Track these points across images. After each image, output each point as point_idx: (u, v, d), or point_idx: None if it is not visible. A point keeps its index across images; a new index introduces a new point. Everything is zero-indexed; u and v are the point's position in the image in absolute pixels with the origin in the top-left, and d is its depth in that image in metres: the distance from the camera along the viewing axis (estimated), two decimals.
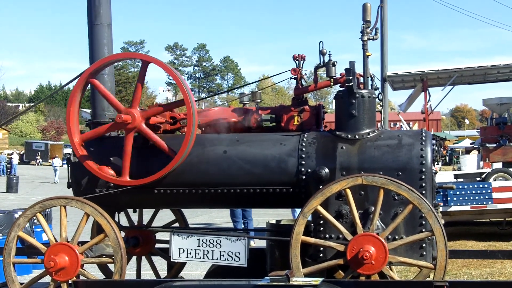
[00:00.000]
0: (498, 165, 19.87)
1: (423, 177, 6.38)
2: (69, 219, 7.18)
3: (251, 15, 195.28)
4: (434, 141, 6.70)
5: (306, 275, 6.13)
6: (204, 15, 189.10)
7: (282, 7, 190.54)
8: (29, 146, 73.26)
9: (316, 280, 5.56)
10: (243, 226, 16.92)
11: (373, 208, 6.24)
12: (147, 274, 9.05)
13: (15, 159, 56.40)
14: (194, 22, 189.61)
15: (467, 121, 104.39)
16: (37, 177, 53.97)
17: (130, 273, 8.05)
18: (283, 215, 18.65)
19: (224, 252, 6.71)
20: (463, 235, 17.27)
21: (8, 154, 59.47)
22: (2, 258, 6.80)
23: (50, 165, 67.61)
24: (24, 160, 69.03)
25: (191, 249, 6.79)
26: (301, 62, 7.11)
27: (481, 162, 20.59)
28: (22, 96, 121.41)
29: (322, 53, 6.90)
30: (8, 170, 55.77)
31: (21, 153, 70.66)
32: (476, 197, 16.36)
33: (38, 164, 69.28)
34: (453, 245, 14.86)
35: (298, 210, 16.25)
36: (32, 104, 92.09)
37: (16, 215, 12.28)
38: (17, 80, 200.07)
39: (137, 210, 7.98)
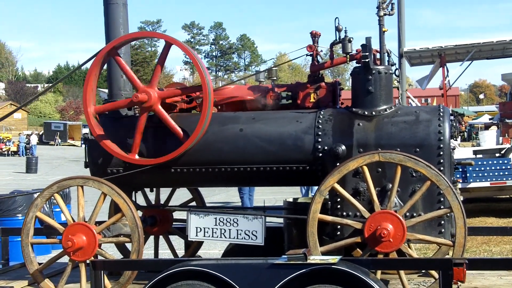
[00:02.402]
0: None
1: (441, 153, 6.31)
2: (87, 199, 7.20)
3: None
4: (452, 117, 6.62)
5: (323, 253, 6.10)
6: None
7: None
8: (48, 127, 73.78)
9: (334, 258, 5.53)
10: (249, 199, 17.11)
11: (390, 185, 6.19)
12: (164, 253, 9.08)
13: (34, 140, 56.76)
14: (211, 0, 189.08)
15: (482, 96, 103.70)
16: (56, 157, 54.31)
17: (147, 253, 8.08)
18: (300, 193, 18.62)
19: (241, 231, 6.70)
20: (482, 212, 17.17)
21: (27, 135, 59.90)
22: (20, 239, 6.83)
23: (69, 145, 68.17)
24: (43, 141, 69.55)
25: (208, 228, 6.78)
26: (316, 39, 7.05)
27: (501, 138, 20.45)
28: (41, 77, 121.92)
29: (338, 29, 6.82)
30: (27, 151, 56.22)
31: (40, 133, 71.18)
32: (496, 173, 16.24)
33: (57, 144, 69.77)
34: (472, 222, 14.79)
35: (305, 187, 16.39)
36: (50, 84, 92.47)
37: (35, 196, 12.36)
38: (35, 61, 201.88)
39: (154, 189, 7.98)
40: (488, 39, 20.29)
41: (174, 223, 8.18)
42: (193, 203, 8.34)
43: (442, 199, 6.22)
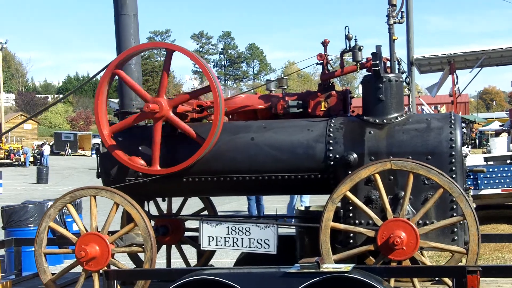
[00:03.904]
0: None
1: (453, 160, 6.31)
2: (99, 209, 7.22)
3: (275, 1, 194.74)
4: (463, 124, 6.62)
5: (336, 262, 6.10)
6: (228, 2, 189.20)
7: None
8: (58, 137, 74.06)
9: (347, 267, 5.52)
10: (255, 206, 17.20)
11: (403, 193, 6.18)
12: (177, 262, 9.10)
13: (47, 150, 56.88)
14: (219, 10, 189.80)
15: (494, 103, 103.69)
16: (66, 167, 54.44)
17: (160, 262, 8.10)
18: (313, 200, 18.60)
19: (254, 239, 6.69)
20: (494, 219, 17.09)
21: (38, 146, 60.01)
22: (33, 249, 6.86)
23: (80, 155, 68.31)
24: (54, 151, 69.76)
25: (221, 237, 6.78)
26: (325, 47, 7.08)
27: (511, 145, 20.34)
28: (50, 87, 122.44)
29: (348, 38, 6.84)
30: (38, 161, 56.35)
31: (51, 144, 71.40)
32: (507, 180, 16.19)
33: (67, 155, 69.98)
34: (484, 229, 14.72)
35: (296, 197, 16.57)
36: (61, 96, 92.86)
37: (47, 206, 12.39)
38: (45, 71, 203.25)
39: (166, 198, 8.00)
40: (497, 46, 20.25)
41: (186, 232, 8.19)
42: (205, 212, 8.35)
43: (454, 206, 6.21)
